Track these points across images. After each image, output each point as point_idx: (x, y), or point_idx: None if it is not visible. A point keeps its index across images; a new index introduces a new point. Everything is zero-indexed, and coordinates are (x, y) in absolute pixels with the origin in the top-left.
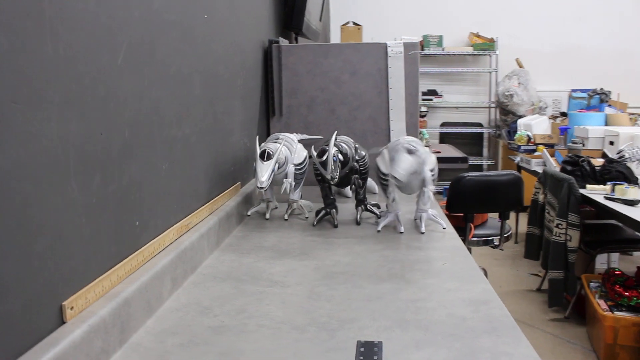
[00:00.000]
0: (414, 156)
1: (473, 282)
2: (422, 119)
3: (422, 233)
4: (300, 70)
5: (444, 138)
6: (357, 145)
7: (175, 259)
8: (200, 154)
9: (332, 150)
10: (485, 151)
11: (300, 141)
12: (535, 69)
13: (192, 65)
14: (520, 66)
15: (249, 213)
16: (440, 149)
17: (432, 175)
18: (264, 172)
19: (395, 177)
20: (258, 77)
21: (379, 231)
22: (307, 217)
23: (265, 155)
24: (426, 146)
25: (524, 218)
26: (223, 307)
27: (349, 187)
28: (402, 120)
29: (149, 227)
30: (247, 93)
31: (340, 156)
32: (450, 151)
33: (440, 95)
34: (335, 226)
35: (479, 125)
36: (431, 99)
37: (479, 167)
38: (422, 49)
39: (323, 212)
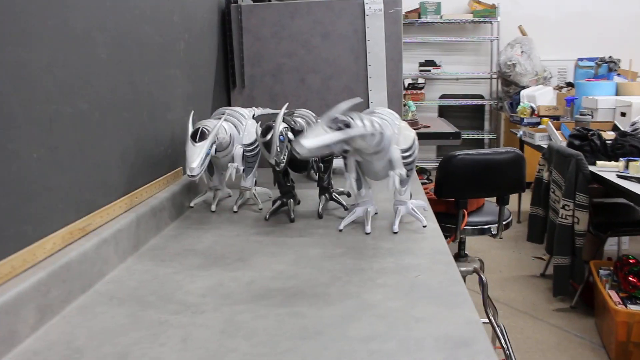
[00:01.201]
0: (337, 132)
1: (454, 305)
2: (419, 91)
3: (395, 232)
4: (264, 33)
5: (444, 111)
6: (319, 121)
7: (47, 279)
8: (111, 136)
9: (279, 127)
10: (486, 125)
11: (261, 117)
12: (539, 37)
13: (93, 21)
14: (524, 34)
15: (191, 204)
16: (430, 123)
17: (409, 156)
18: (195, 156)
19: (296, 151)
20: (213, 43)
21: (340, 230)
22: (260, 209)
23: (198, 135)
24: (413, 120)
25: (527, 197)
26: (100, 349)
27: (307, 172)
28: (383, 90)
29: (5, 238)
30: (193, 61)
31: (291, 135)
32: (442, 125)
33: (439, 66)
34: (292, 220)
35: (480, 97)
36: (429, 70)
37: (480, 142)
38: (419, 17)
39: (278, 202)
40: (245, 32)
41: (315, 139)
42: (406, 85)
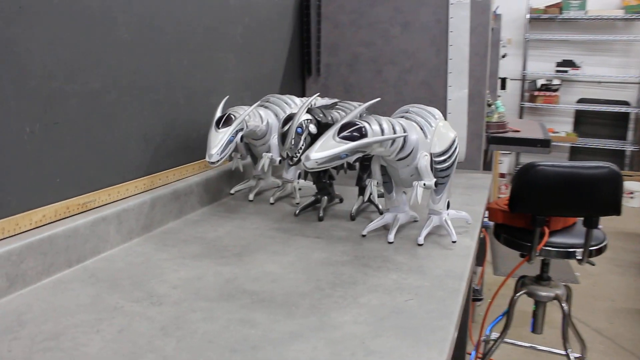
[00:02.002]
0: (348, 142)
1: (425, 342)
2: (553, 93)
3: (420, 245)
4: (342, 21)
5: (580, 117)
6: (331, 129)
7: (21, 249)
8: (131, 116)
9: (301, 118)
10: (630, 135)
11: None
12: None
13: (114, 2)
14: None
15: (232, 191)
16: (524, 127)
17: (443, 161)
18: (216, 142)
19: (304, 163)
20: (285, 29)
21: (363, 236)
22: (297, 203)
23: (223, 121)
24: (499, 122)
25: None
26: (41, 326)
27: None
28: (464, 87)
29: None
30: (255, 46)
31: (313, 128)
32: (534, 131)
33: (578, 67)
34: (320, 219)
35: (625, 103)
36: (566, 71)
37: (620, 153)
38: (561, 12)
39: (312, 199)
40: (323, 18)
41: (324, 151)
42: (538, 85)
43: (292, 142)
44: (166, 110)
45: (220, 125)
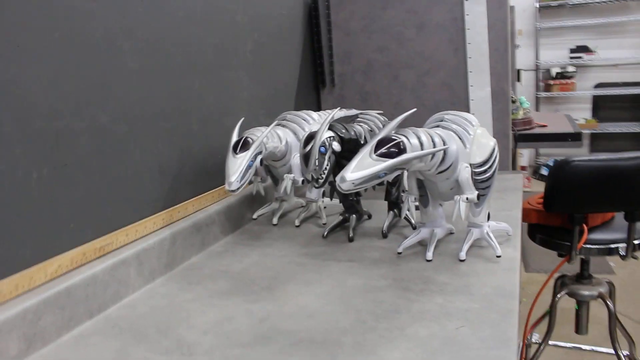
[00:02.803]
0: (386, 160)
1: None
2: (569, 81)
3: (462, 261)
4: (354, 27)
5: (598, 101)
6: (366, 147)
7: (38, 306)
8: (143, 148)
9: (323, 136)
10: None
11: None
12: None
13: (117, 30)
14: None
15: (254, 216)
16: (550, 121)
17: (484, 171)
18: (235, 169)
19: (339, 185)
20: (296, 40)
21: (399, 253)
22: (324, 224)
23: (240, 146)
24: (525, 118)
25: None
26: None
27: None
28: (487, 86)
29: None
30: (267, 61)
31: (336, 145)
32: (562, 124)
33: (593, 52)
34: (350, 240)
35: None
36: (580, 57)
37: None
38: None
39: (340, 218)
40: (334, 27)
41: (360, 171)
42: (553, 74)
43: (316, 163)
44: (180, 137)
45: (237, 150)
